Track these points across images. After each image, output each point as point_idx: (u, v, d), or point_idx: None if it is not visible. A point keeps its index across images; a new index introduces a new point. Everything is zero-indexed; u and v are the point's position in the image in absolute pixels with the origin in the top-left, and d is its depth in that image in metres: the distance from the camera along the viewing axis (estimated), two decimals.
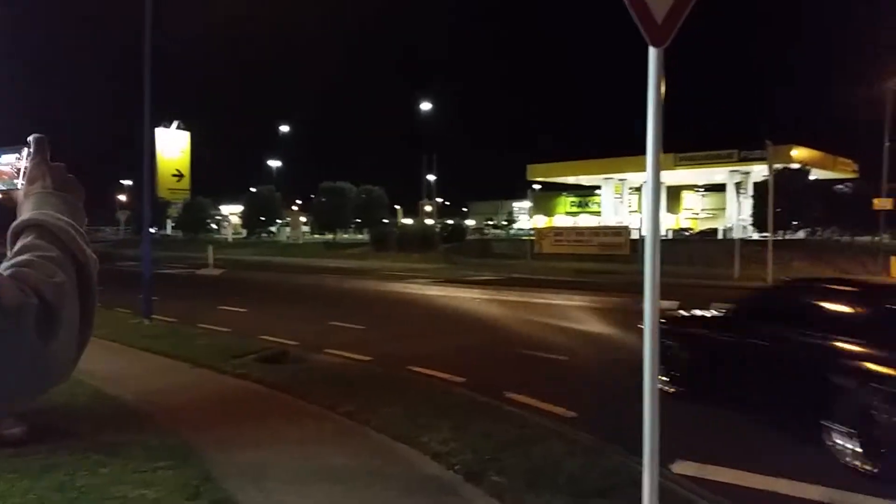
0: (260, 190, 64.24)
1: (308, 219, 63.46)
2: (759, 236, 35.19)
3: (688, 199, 60.01)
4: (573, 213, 65.90)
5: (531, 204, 46.68)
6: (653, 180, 3.51)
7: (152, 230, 14.92)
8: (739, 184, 45.34)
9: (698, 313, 8.75)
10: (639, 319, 3.71)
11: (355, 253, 44.46)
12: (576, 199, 66.56)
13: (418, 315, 16.07)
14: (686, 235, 50.83)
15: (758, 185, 37.78)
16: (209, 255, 32.78)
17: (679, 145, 41.74)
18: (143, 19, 13.24)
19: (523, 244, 40.09)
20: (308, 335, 11.90)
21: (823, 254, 30.02)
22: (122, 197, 77.59)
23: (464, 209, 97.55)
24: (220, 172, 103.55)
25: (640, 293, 3.57)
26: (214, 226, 77.10)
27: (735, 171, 44.59)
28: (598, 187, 56.17)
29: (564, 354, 10.52)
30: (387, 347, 11.25)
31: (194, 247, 48.93)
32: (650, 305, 3.49)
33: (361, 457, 5.43)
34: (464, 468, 5.01)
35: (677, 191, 56.33)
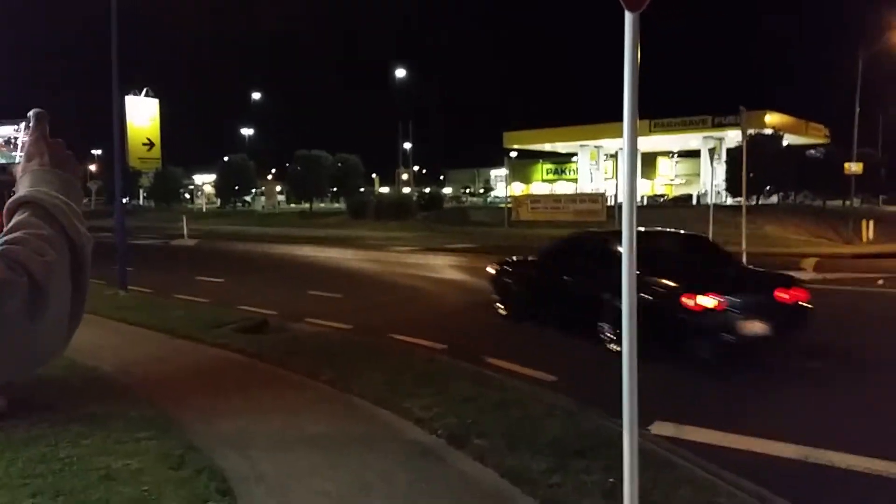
0: (233, 159, 63.33)
1: (283, 188, 62.86)
2: (733, 201, 35.58)
3: (662, 166, 60.34)
4: (550, 181, 66.01)
5: (508, 171, 46.57)
6: (629, 146, 3.53)
7: (124, 200, 14.69)
8: (713, 150, 45.61)
9: (523, 258, 11.47)
10: None
11: (332, 222, 44.21)
12: (552, 167, 66.61)
13: (397, 283, 16.09)
14: (661, 201, 51.24)
15: (731, 151, 38.10)
16: (183, 226, 32.42)
17: (654, 111, 41.87)
18: None
19: (500, 212, 40.16)
20: (287, 305, 11.87)
21: (795, 218, 30.47)
22: (93, 167, 76.20)
23: (441, 177, 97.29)
24: (193, 141, 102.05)
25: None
26: (188, 195, 76.11)
27: (709, 137, 44.81)
28: (575, 154, 56.18)
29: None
30: (367, 316, 11.28)
31: (168, 217, 48.36)
32: (628, 271, 3.53)
33: (344, 423, 5.48)
34: (446, 432, 5.07)
35: (652, 157, 56.58)
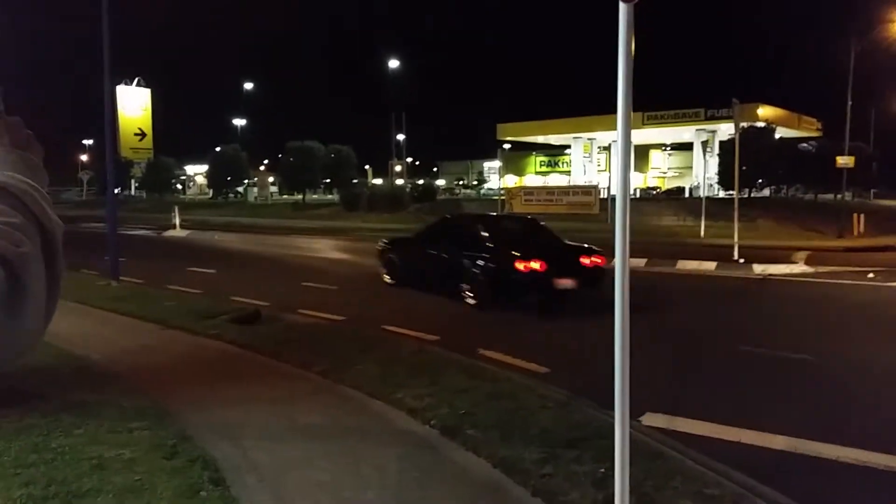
0: (225, 149, 62.94)
1: (276, 179, 62.59)
2: (725, 194, 35.69)
3: (655, 158, 60.37)
4: (543, 173, 65.97)
5: (501, 163, 46.48)
6: (623, 138, 3.53)
7: (116, 191, 14.59)
8: (706, 142, 45.63)
9: (403, 237, 14.88)
10: None
11: (325, 213, 44.10)
12: (546, 159, 66.59)
13: None
14: (653, 194, 51.32)
15: (724, 144, 38.15)
16: (175, 216, 32.29)
17: (647, 104, 41.85)
18: None
19: (494, 204, 40.13)
20: (280, 296, 11.86)
21: (787, 211, 30.59)
22: (84, 157, 75.74)
23: (434, 169, 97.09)
24: (185, 131, 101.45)
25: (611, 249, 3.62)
26: (179, 186, 75.74)
27: (702, 130, 44.87)
28: (568, 147, 56.19)
29: (535, 312, 10.65)
30: (360, 307, 11.29)
31: (159, 207, 48.14)
32: (621, 264, 3.54)
33: (336, 414, 5.49)
34: (439, 423, 5.09)
35: (645, 150, 56.57)
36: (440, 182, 77.08)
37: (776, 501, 3.99)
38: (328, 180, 55.09)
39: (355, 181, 54.83)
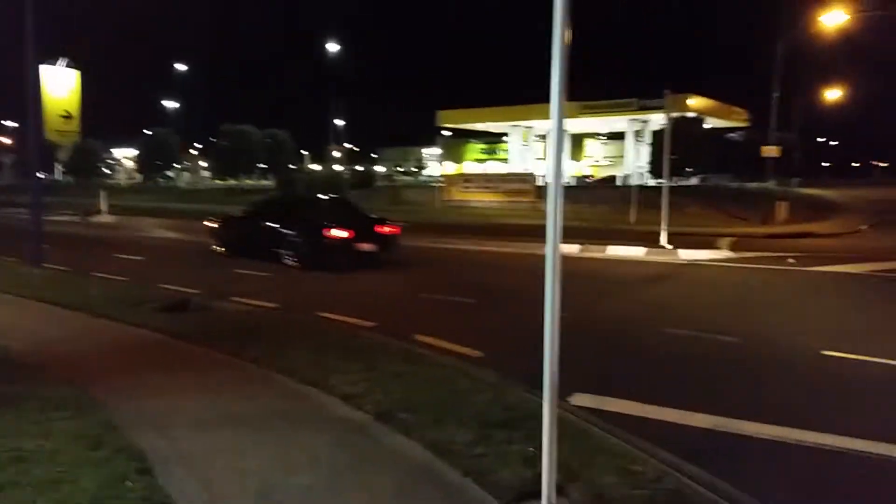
0: (155, 132, 61.09)
1: (209, 163, 61.10)
2: (656, 183, 36.60)
3: (590, 147, 61.41)
4: (481, 160, 66.24)
5: (441, 150, 46.51)
6: (556, 127, 3.58)
7: (41, 175, 14.01)
8: (639, 132, 46.80)
9: (231, 215, 16.82)
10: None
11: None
12: (484, 146, 66.84)
13: None
14: (588, 182, 52.24)
15: (656, 133, 39.10)
16: (102, 201, 31.19)
17: (584, 95, 42.46)
18: None
19: (432, 191, 40.15)
20: (211, 283, 11.60)
21: (714, 199, 31.56)
22: (6, 139, 72.19)
23: (373, 155, 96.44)
24: (113, 114, 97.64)
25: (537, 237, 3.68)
26: (107, 170, 73.07)
27: (635, 120, 45.88)
28: (506, 134, 56.60)
29: (472, 297, 10.75)
30: (294, 294, 11.16)
31: (86, 192, 46.33)
32: (552, 250, 3.60)
33: (269, 401, 5.43)
34: (373, 408, 5.11)
35: (580, 139, 57.51)
36: (380, 168, 76.63)
37: (698, 477, 4.15)
38: (264, 165, 54.06)
39: (292, 167, 53.97)
